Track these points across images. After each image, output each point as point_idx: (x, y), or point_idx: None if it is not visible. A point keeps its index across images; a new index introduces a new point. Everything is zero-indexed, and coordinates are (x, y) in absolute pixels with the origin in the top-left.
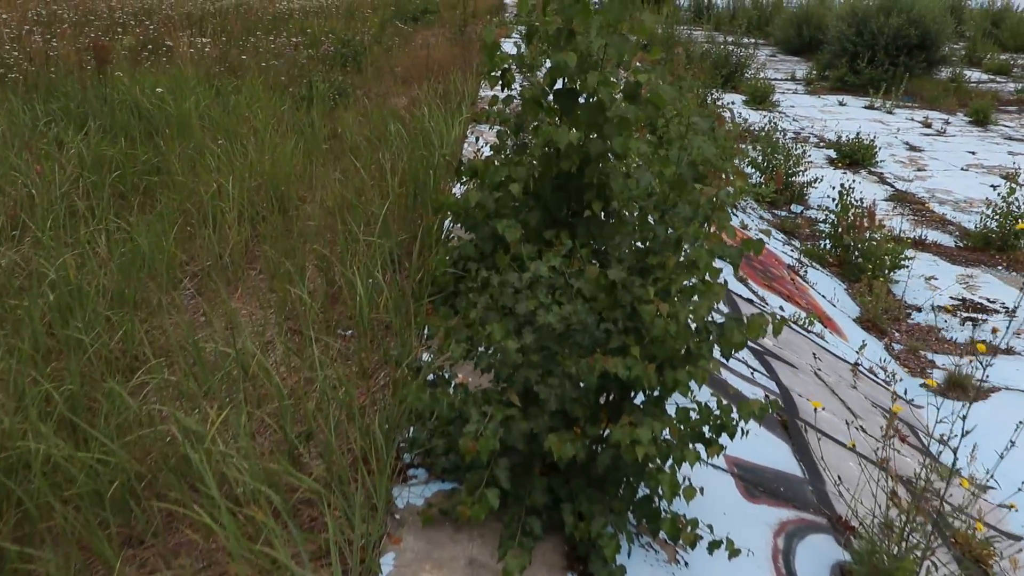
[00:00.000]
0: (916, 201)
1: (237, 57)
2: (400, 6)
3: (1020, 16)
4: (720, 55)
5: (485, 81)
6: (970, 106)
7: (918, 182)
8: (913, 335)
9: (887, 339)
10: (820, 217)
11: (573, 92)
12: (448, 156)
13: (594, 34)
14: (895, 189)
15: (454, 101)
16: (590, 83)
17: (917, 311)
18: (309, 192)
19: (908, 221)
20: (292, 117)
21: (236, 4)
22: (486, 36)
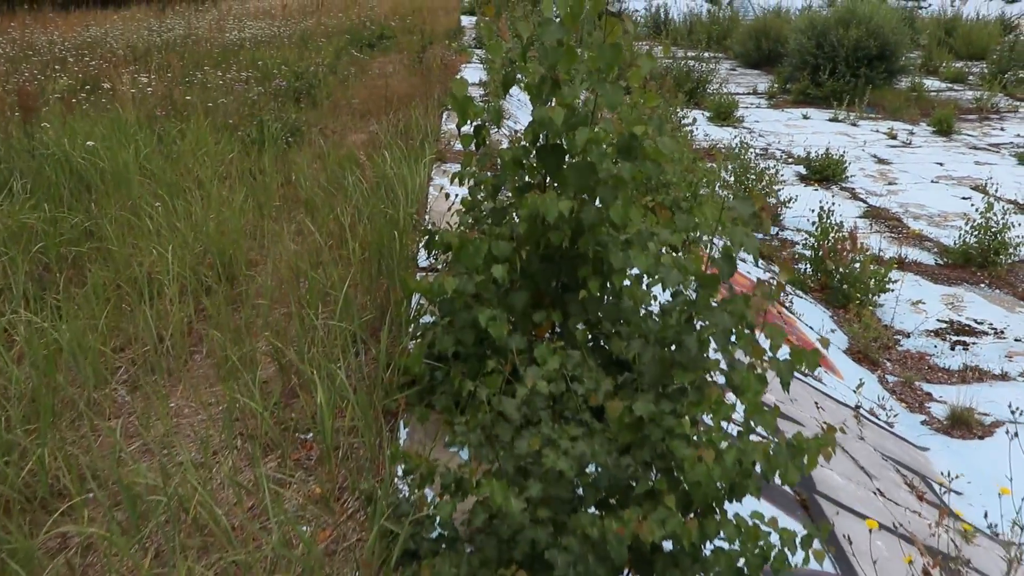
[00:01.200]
0: (891, 217)
1: (183, 96)
2: (355, 33)
3: (971, 25)
4: (681, 71)
5: (448, 114)
6: (933, 116)
7: (890, 196)
8: (905, 364)
9: (879, 371)
10: (798, 239)
11: (559, 149)
12: (414, 213)
13: (582, 83)
14: (868, 205)
15: (416, 138)
16: (579, 142)
17: (905, 337)
18: (260, 254)
19: (885, 239)
20: (242, 163)
21: (184, 35)
22: (455, 89)
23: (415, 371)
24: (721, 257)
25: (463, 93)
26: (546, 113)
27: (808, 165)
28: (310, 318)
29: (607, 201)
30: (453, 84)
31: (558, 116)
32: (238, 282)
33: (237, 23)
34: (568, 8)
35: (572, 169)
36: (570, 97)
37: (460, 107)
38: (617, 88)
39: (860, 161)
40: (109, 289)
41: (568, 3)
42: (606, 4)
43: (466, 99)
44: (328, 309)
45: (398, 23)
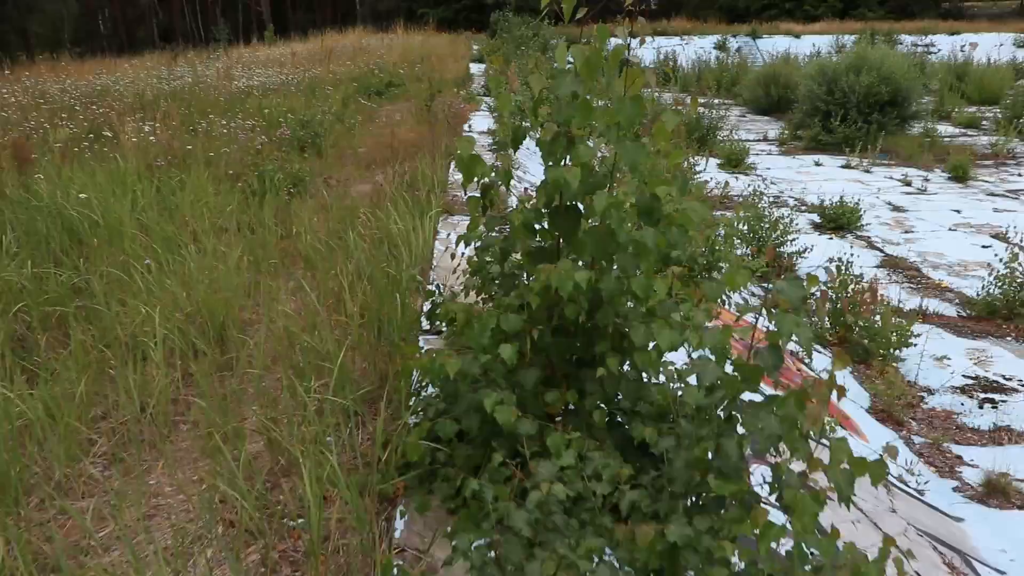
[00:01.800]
0: (909, 267)
1: (184, 145)
2: (363, 80)
3: (983, 70)
4: (692, 118)
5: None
6: (948, 162)
7: (907, 245)
8: (932, 424)
9: (905, 431)
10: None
11: (574, 212)
12: (418, 273)
13: (599, 139)
14: (885, 254)
15: (423, 189)
16: (598, 208)
17: (930, 394)
18: (255, 313)
19: (904, 289)
20: (241, 215)
21: (193, 83)
22: (461, 148)
23: (414, 458)
24: (767, 349)
25: (469, 152)
26: (561, 174)
27: (822, 213)
28: (303, 390)
29: (628, 270)
30: (459, 142)
31: (574, 178)
32: (229, 345)
33: (246, 71)
34: (585, 58)
35: (590, 235)
36: (587, 156)
37: (466, 167)
38: (639, 146)
39: (875, 209)
40: (92, 352)
41: (584, 53)
42: (626, 54)
43: (472, 158)
44: (323, 380)
45: (407, 70)
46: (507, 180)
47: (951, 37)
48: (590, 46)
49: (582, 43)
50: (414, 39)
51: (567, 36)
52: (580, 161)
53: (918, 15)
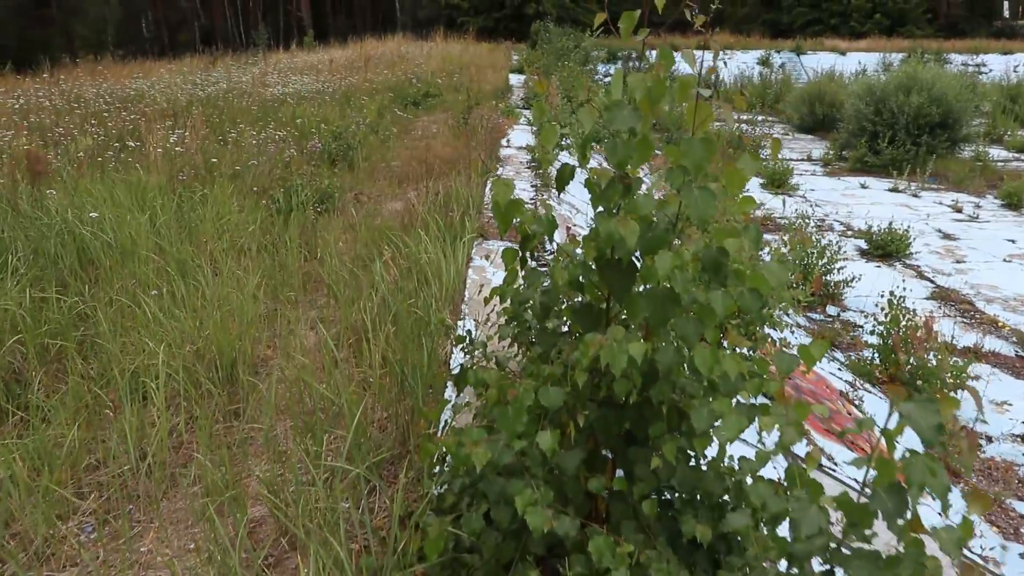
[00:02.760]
0: (961, 300)
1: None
2: (400, 90)
3: None
4: (734, 135)
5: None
6: (1001, 188)
7: (959, 276)
8: (991, 476)
9: (962, 482)
10: (860, 321)
11: (629, 270)
12: (448, 318)
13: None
14: (936, 285)
15: (457, 210)
16: (660, 271)
17: (988, 442)
18: (271, 348)
19: (956, 324)
20: (264, 235)
21: (227, 89)
22: (498, 195)
23: (432, 558)
24: (888, 492)
25: (507, 197)
26: (615, 229)
27: (869, 239)
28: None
29: (689, 338)
30: (495, 186)
31: (631, 235)
32: (240, 386)
33: (282, 77)
34: (645, 90)
35: (648, 298)
36: (647, 208)
37: (503, 215)
38: (709, 196)
39: (924, 236)
40: (90, 392)
41: (646, 84)
42: (698, 84)
43: (511, 205)
44: (339, 432)
45: (444, 80)
46: (551, 230)
47: (1004, 57)
48: (652, 75)
49: (631, 62)
50: (453, 48)
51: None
52: (639, 213)
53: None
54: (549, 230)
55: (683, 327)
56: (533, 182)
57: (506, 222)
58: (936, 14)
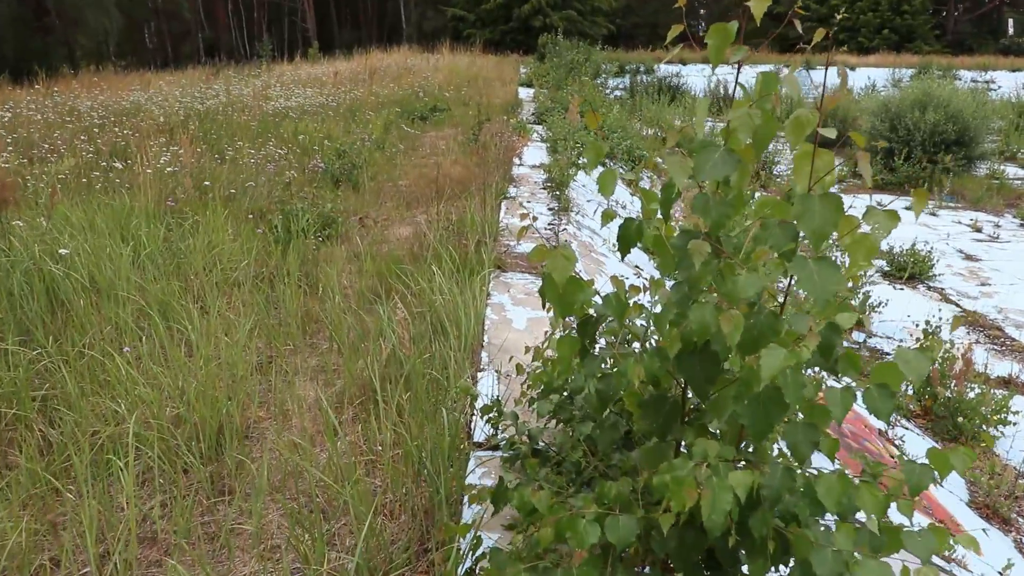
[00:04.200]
0: (989, 325)
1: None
2: (407, 104)
3: None
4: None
5: (507, 205)
6: (1020, 207)
7: (985, 300)
8: None
9: (1013, 530)
10: (887, 348)
11: (713, 359)
12: (469, 378)
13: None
14: (961, 309)
15: (471, 238)
16: (766, 372)
17: None
18: (265, 408)
19: (987, 351)
20: (260, 266)
21: (227, 103)
22: (555, 271)
23: None
24: None
25: (565, 275)
26: (711, 320)
27: (891, 260)
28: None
29: (801, 450)
30: (551, 261)
31: (735, 330)
32: (227, 458)
33: (285, 90)
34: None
35: (751, 406)
36: (752, 291)
37: (563, 300)
38: (832, 272)
39: (946, 256)
40: (47, 470)
41: (751, 119)
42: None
43: (573, 285)
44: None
45: (452, 94)
46: (622, 314)
47: (1012, 74)
48: (760, 103)
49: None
50: (460, 60)
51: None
52: (740, 296)
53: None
54: (619, 312)
55: (792, 435)
56: (550, 204)
57: (566, 307)
58: (944, 30)
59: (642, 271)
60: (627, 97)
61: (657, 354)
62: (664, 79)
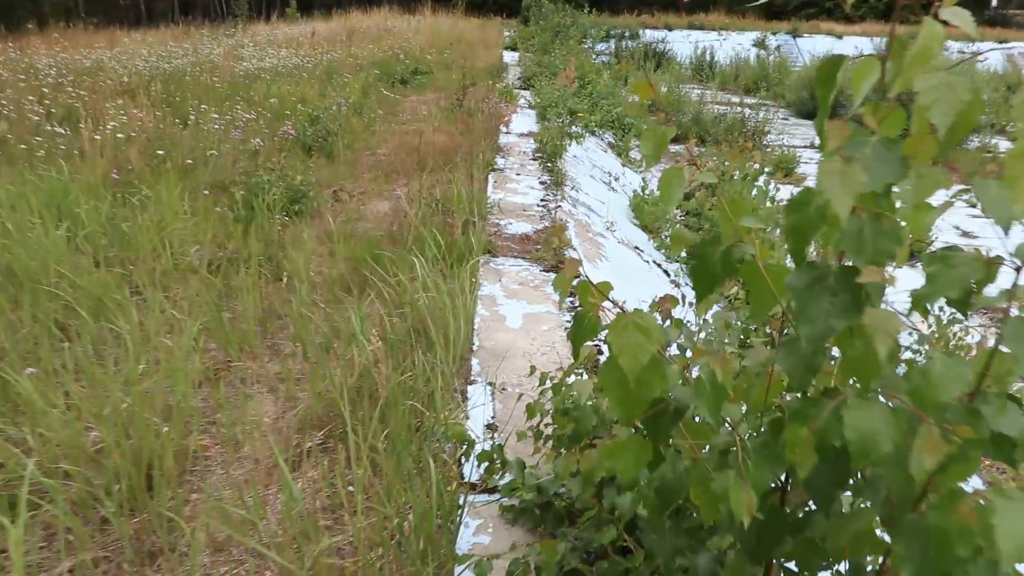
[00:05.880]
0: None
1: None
2: (387, 67)
3: None
4: (736, 120)
5: (495, 179)
6: None
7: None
8: None
9: None
10: None
11: (844, 463)
12: (468, 435)
13: None
14: None
15: (458, 217)
16: (1012, 543)
17: None
18: (213, 433)
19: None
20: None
21: (196, 64)
22: (624, 353)
23: None
24: None
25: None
26: (878, 432)
27: None
28: None
29: None
30: (616, 340)
31: (930, 455)
32: (158, 504)
33: (259, 51)
34: (958, 104)
35: (922, 553)
36: (954, 387)
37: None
38: None
39: (943, 233)
40: None
41: (953, 98)
42: None
43: (650, 372)
44: None
45: (434, 57)
46: (718, 406)
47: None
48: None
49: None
50: (443, 22)
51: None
52: (936, 400)
53: None
54: (715, 404)
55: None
56: (541, 177)
57: (635, 406)
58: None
59: (642, 252)
60: (613, 62)
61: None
62: (650, 44)
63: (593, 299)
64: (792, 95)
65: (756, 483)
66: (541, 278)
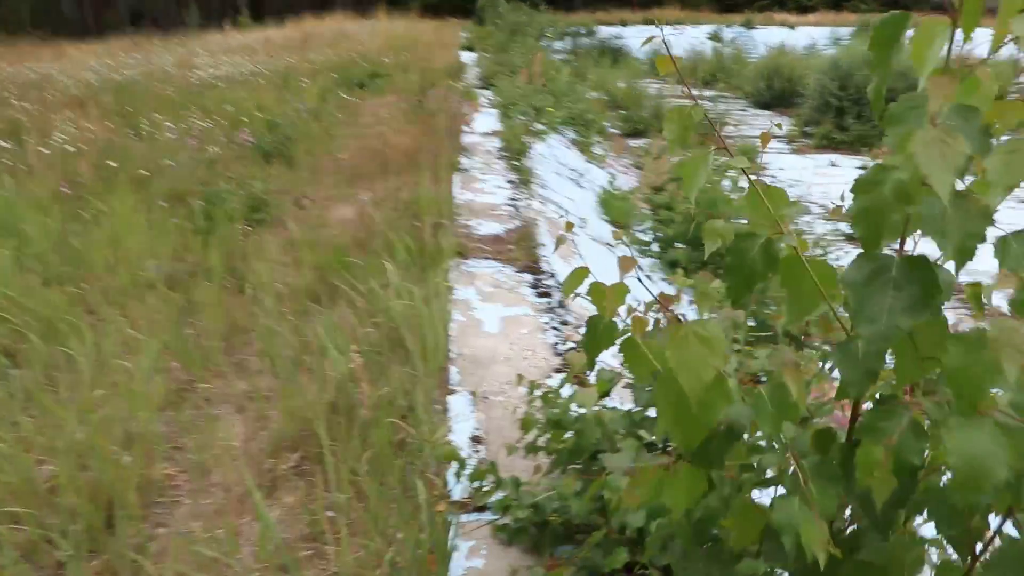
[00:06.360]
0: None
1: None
2: (344, 71)
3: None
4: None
5: (462, 179)
6: None
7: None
8: None
9: None
10: None
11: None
12: (458, 455)
13: None
14: None
15: (426, 219)
16: None
17: None
18: (177, 457)
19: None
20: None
21: (148, 73)
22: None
23: None
24: None
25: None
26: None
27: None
28: None
29: None
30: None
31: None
32: (120, 543)
33: (214, 59)
34: None
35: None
36: None
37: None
38: None
39: None
40: None
41: None
42: None
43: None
44: None
45: (392, 59)
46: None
47: None
48: None
49: None
50: (398, 25)
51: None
52: None
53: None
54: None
55: None
56: (508, 176)
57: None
58: None
59: (614, 248)
60: (572, 60)
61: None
62: (605, 41)
63: (608, 302)
64: (750, 86)
65: (823, 511)
66: (515, 279)
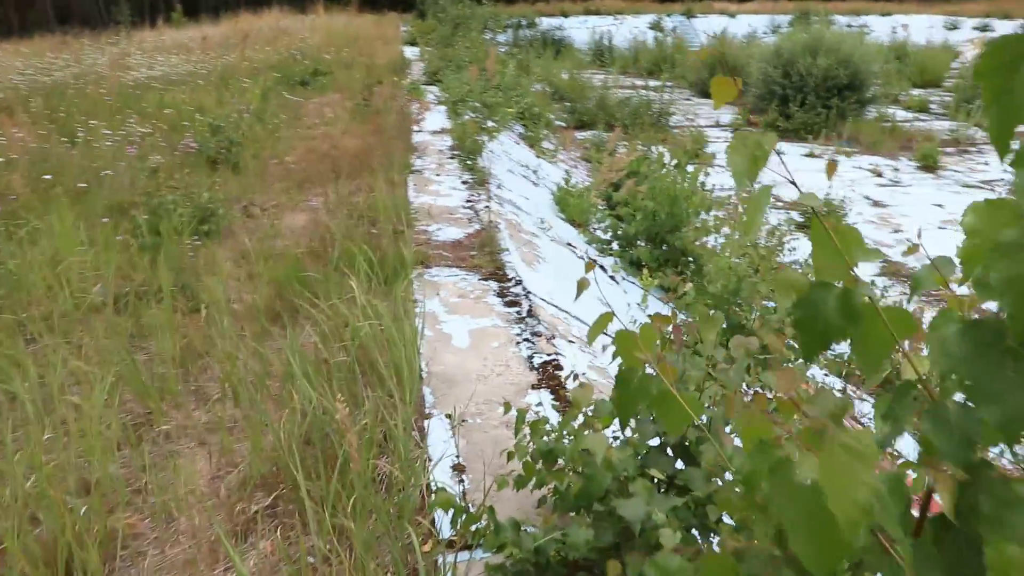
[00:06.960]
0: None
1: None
2: (285, 69)
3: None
4: (642, 103)
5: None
6: (916, 151)
7: (900, 247)
8: None
9: None
10: None
11: None
12: (457, 502)
13: None
14: (884, 260)
15: (384, 225)
16: None
17: None
18: (140, 503)
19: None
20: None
21: (80, 75)
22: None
23: None
24: None
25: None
26: None
27: (803, 211)
28: None
29: None
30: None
31: None
32: None
33: (148, 58)
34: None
35: None
36: None
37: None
38: None
39: (854, 204)
40: None
41: None
42: None
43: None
44: None
45: (333, 56)
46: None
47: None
48: None
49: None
50: (337, 20)
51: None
52: None
53: None
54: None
55: None
56: (463, 176)
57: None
58: None
59: (575, 248)
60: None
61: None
62: (547, 32)
63: (639, 353)
64: (693, 75)
65: None
66: (481, 288)
